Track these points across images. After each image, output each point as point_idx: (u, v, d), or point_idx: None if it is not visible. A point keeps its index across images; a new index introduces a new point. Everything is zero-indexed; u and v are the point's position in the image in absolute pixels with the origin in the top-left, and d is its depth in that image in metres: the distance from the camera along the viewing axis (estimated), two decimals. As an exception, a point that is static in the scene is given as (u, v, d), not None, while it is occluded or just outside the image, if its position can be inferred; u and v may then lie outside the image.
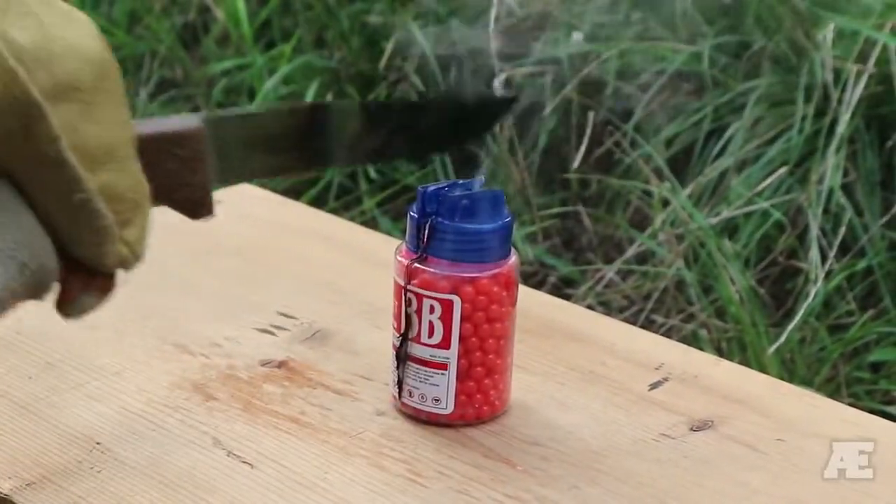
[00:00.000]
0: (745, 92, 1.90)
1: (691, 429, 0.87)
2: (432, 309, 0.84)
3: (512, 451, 0.84)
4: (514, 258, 0.86)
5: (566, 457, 0.83)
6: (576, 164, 1.96)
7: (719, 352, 1.65)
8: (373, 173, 2.06)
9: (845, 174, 1.79)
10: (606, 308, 1.81)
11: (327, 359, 0.93)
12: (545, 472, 0.82)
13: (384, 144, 0.77)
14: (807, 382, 1.58)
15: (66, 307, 0.65)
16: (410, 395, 0.86)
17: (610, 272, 1.85)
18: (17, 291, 0.62)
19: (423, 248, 0.84)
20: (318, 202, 1.98)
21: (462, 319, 0.84)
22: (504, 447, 0.84)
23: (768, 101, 1.90)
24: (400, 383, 0.86)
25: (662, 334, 1.33)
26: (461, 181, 0.85)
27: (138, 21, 2.44)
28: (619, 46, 1.99)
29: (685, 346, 0.99)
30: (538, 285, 1.88)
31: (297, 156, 0.75)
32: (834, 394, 1.58)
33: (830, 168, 1.76)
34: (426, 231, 0.83)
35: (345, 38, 2.22)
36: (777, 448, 0.85)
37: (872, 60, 1.79)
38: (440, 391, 0.85)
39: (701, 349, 1.26)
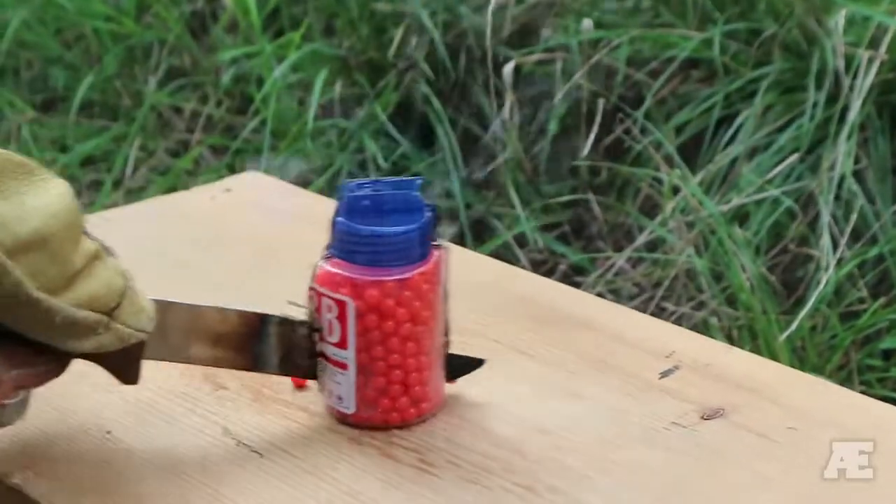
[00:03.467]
0: (756, 79, 1.90)
1: (702, 417, 0.86)
2: (330, 308, 0.82)
3: (523, 441, 0.83)
4: (424, 266, 0.82)
5: (577, 445, 0.83)
6: (585, 151, 1.96)
7: (730, 339, 1.64)
8: (381, 161, 2.06)
9: (857, 161, 1.79)
10: (616, 296, 1.81)
11: (337, 348, 0.93)
12: (556, 461, 0.82)
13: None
14: (818, 370, 1.58)
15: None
16: (327, 393, 0.85)
17: (620, 260, 1.84)
18: None
19: (327, 246, 0.83)
20: (326, 191, 1.98)
21: (357, 322, 0.81)
22: (515, 436, 0.84)
23: (779, 87, 1.89)
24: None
25: (673, 322, 1.33)
26: (394, 179, 0.84)
27: (147, 9, 2.43)
28: (630, 33, 1.99)
29: (696, 334, 0.99)
30: (548, 273, 1.88)
31: (236, 355, 0.84)
32: (845, 381, 1.57)
33: (842, 155, 1.75)
34: (331, 229, 0.83)
35: (354, 26, 2.22)
36: (789, 436, 0.84)
37: (884, 46, 1.79)
38: (342, 389, 0.83)
39: (711, 337, 1.26)
